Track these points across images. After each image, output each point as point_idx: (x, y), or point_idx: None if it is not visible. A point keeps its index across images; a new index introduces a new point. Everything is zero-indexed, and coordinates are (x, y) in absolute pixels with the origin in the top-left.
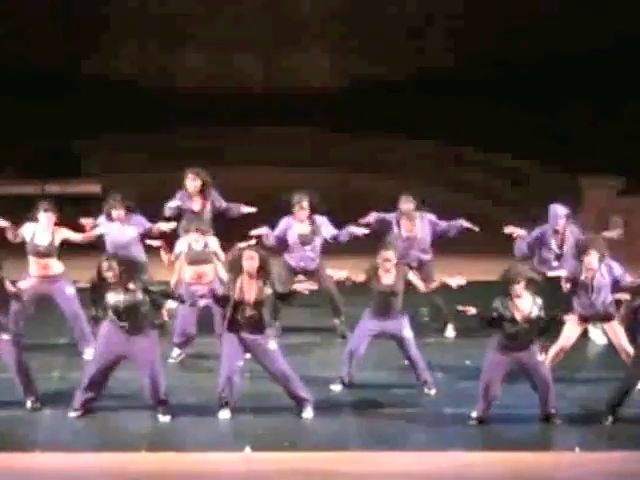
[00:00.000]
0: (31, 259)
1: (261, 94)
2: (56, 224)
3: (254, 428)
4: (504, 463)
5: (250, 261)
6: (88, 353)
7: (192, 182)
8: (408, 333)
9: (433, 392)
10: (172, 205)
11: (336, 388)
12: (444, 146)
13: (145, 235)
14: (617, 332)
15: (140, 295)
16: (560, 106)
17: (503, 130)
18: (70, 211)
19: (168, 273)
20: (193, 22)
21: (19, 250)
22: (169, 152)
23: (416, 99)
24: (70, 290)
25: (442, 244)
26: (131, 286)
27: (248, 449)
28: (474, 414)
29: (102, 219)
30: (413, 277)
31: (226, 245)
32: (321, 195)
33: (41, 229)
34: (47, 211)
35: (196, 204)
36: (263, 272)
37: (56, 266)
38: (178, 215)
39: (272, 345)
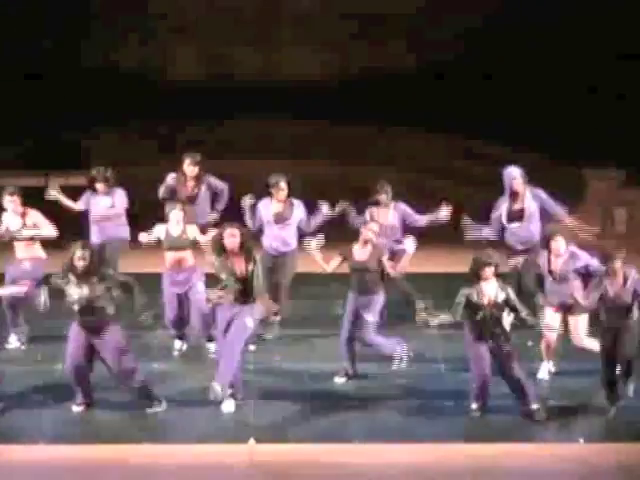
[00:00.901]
0: (15, 244)
1: (260, 86)
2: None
3: (257, 420)
4: (507, 455)
5: (232, 238)
6: None
7: (189, 167)
8: (370, 317)
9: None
10: (164, 189)
11: (340, 380)
12: (447, 139)
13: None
14: (578, 326)
15: (102, 290)
16: (561, 98)
17: (505, 123)
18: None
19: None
20: (194, 15)
21: None
22: (170, 144)
23: (421, 91)
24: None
25: (446, 236)
26: (94, 280)
27: (252, 441)
28: (474, 406)
29: (86, 195)
30: (385, 260)
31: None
32: (322, 188)
33: (11, 214)
34: (12, 194)
35: (190, 188)
36: (246, 247)
37: (30, 250)
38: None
39: (249, 322)
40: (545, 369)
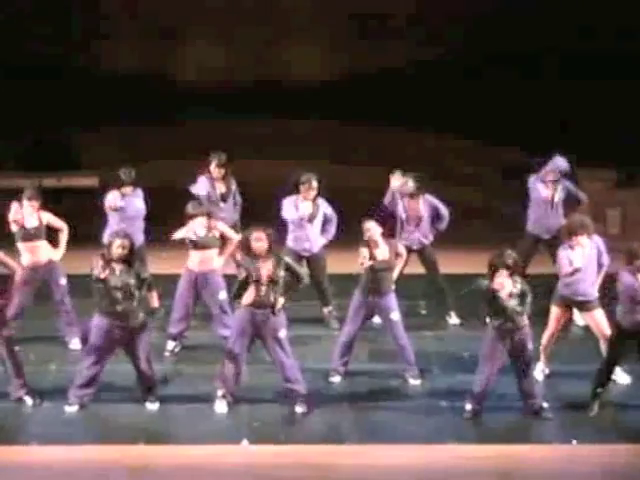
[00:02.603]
0: (21, 246)
1: (258, 87)
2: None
3: (251, 421)
4: (499, 456)
5: (259, 242)
6: (74, 343)
7: (216, 169)
8: (396, 316)
9: (417, 382)
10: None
11: (335, 380)
12: (443, 138)
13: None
14: (598, 321)
15: (133, 280)
16: (555, 98)
17: (500, 123)
18: (68, 204)
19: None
20: (192, 15)
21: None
22: (166, 146)
23: (418, 90)
24: (63, 281)
25: (445, 236)
26: (129, 272)
27: (245, 442)
28: (468, 407)
29: (114, 194)
30: (399, 246)
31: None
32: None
33: (28, 214)
34: (30, 199)
35: (220, 188)
36: (273, 252)
37: (47, 251)
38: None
39: (282, 333)
40: (539, 369)
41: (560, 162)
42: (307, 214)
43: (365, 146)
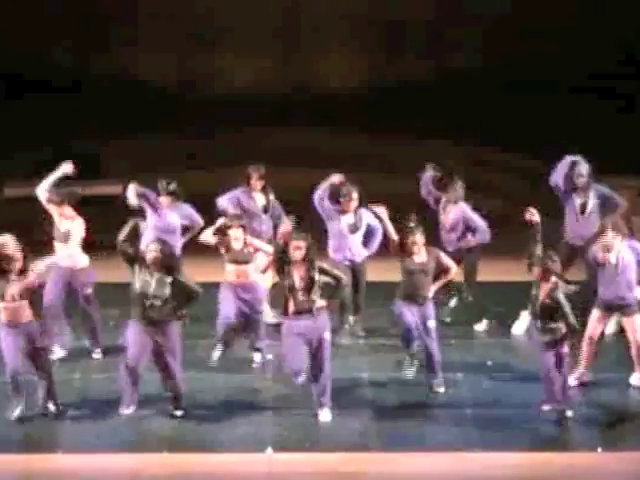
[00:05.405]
0: (57, 245)
1: (284, 96)
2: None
3: (275, 429)
4: (526, 463)
5: (298, 251)
6: (97, 352)
7: (257, 182)
8: (432, 324)
9: (443, 390)
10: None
11: (409, 373)
12: (464, 146)
13: (188, 228)
14: (636, 327)
15: (168, 290)
16: (578, 106)
17: (521, 130)
18: (92, 212)
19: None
20: (219, 25)
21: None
22: (188, 155)
23: (439, 100)
24: (89, 290)
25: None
26: (163, 277)
27: (270, 450)
28: (545, 408)
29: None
30: (445, 258)
31: None
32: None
33: (61, 220)
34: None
35: (260, 200)
36: (309, 258)
37: (80, 258)
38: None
39: (327, 334)
40: (575, 376)
41: (580, 167)
42: (348, 225)
43: (397, 156)
